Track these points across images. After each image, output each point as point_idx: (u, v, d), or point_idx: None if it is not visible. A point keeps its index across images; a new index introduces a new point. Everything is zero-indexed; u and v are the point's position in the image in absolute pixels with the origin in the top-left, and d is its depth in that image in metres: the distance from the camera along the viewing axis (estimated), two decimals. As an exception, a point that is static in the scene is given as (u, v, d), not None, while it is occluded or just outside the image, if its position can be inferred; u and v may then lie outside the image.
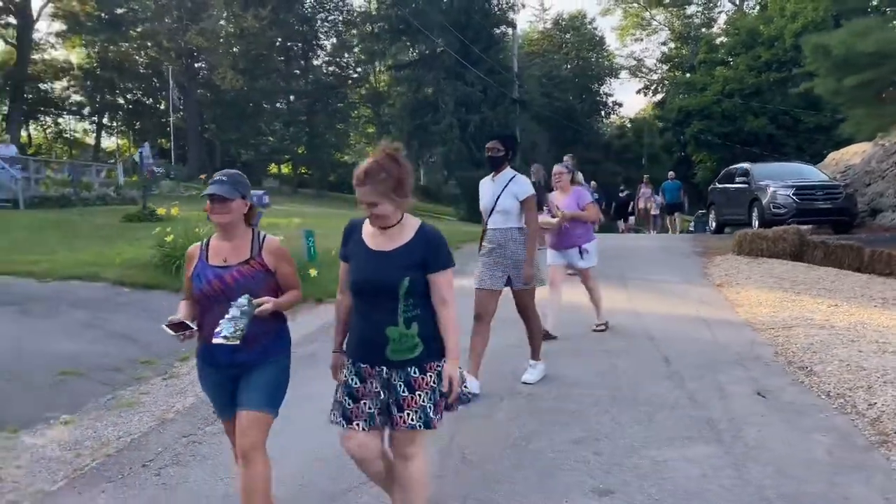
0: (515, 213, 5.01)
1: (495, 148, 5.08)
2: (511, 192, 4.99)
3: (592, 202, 6.87)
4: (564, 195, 6.83)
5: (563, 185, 6.90)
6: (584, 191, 6.96)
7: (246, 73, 34.75)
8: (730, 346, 6.18)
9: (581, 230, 6.73)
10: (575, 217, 6.63)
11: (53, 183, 20.40)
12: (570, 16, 58.20)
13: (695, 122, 34.07)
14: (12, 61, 38.15)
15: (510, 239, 5.01)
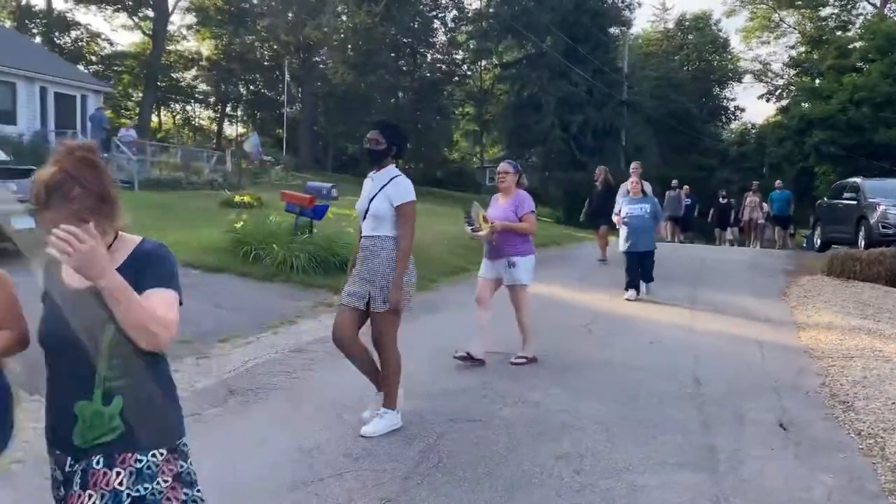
0: (389, 219, 4.25)
1: (375, 140, 4.27)
2: (386, 195, 4.23)
3: (532, 212, 5.87)
4: (505, 199, 5.96)
5: (507, 186, 5.95)
6: (526, 197, 5.91)
7: (356, 67, 35.71)
8: (774, 373, 5.81)
9: (517, 240, 5.85)
10: (507, 229, 5.75)
11: (167, 167, 21.81)
12: (694, 16, 56.24)
13: (816, 132, 31.99)
14: (148, 51, 41.01)
15: (379, 249, 4.26)
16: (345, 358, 5.94)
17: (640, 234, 8.92)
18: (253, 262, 9.24)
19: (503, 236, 5.77)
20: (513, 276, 5.85)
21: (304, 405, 4.79)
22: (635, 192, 9.31)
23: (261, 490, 3.52)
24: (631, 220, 8.95)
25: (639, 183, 9.45)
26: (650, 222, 9.04)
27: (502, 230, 5.74)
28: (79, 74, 24.29)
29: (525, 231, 5.85)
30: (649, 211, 9.01)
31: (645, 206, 9.07)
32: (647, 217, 8.96)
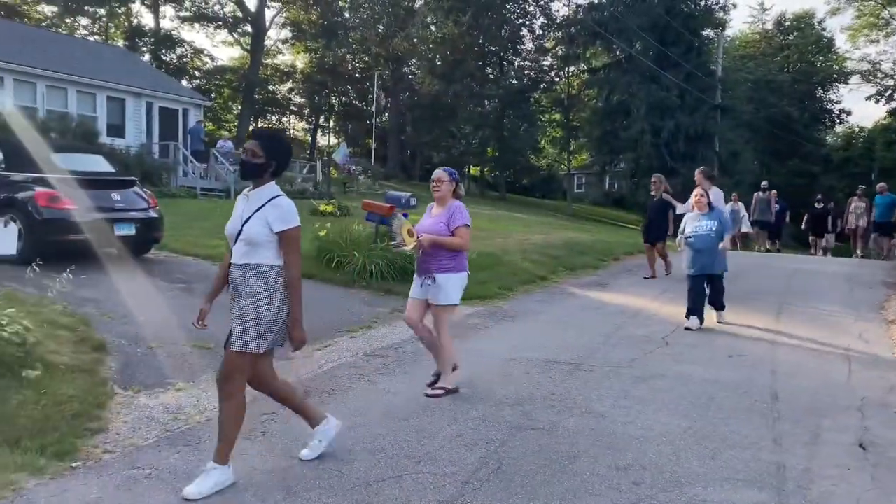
0: (266, 245, 3.65)
1: (252, 151, 3.66)
2: (264, 218, 3.61)
3: (466, 225, 5.23)
4: (439, 209, 5.35)
5: (442, 195, 5.31)
6: (461, 208, 5.27)
7: (443, 77, 36.15)
8: (860, 390, 5.55)
9: (445, 255, 5.20)
10: (436, 244, 5.14)
11: (261, 176, 22.74)
12: (795, 16, 53.91)
13: (929, 135, 30.05)
14: (246, 66, 42.90)
15: (252, 280, 3.65)
16: (416, 363, 6.13)
17: (705, 256, 7.74)
18: (335, 269, 9.56)
19: (431, 251, 5.19)
20: (433, 293, 5.23)
21: (372, 408, 4.95)
22: (699, 207, 7.97)
23: (324, 487, 3.67)
24: (694, 241, 7.80)
25: (704, 195, 8.06)
26: (718, 242, 7.77)
27: (431, 245, 5.15)
28: (181, 89, 25.71)
29: (456, 246, 5.21)
30: (715, 229, 7.75)
31: (710, 223, 7.79)
32: (713, 237, 7.73)
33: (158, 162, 20.76)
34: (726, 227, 7.91)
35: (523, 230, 18.12)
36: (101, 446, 4.20)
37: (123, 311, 6.90)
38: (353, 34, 41.23)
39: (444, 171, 5.43)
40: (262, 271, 3.65)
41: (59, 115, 18.12)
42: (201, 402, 5.02)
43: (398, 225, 5.31)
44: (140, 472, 3.84)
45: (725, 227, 7.88)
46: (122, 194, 9.10)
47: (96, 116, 20.13)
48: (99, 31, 41.07)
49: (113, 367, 5.56)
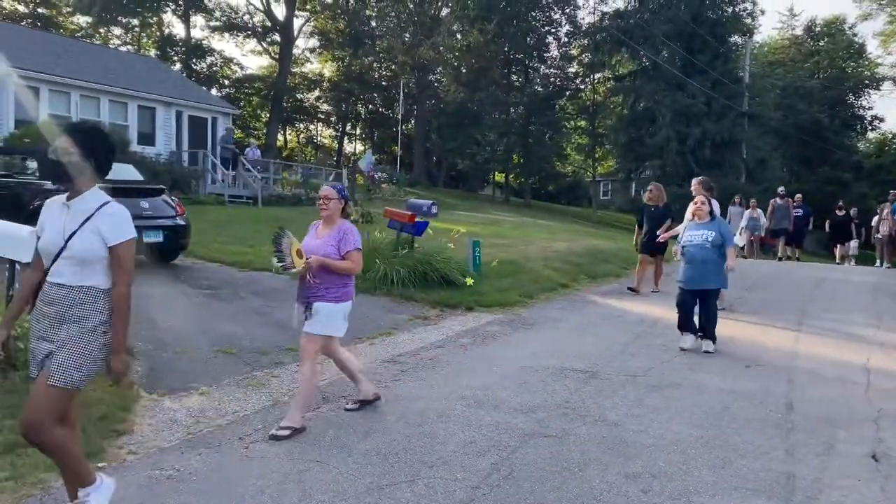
0: (101, 263, 3.12)
1: (64, 149, 3.10)
2: (96, 229, 3.09)
3: (358, 249, 4.78)
4: (326, 229, 4.82)
5: (329, 214, 4.78)
6: (352, 230, 4.81)
7: (468, 85, 36.33)
8: (877, 401, 5.53)
9: (332, 282, 4.70)
10: (325, 267, 4.64)
11: (287, 184, 23.07)
12: (826, 21, 53.24)
13: (963, 142, 29.49)
14: (275, 74, 43.51)
15: (82, 304, 3.09)
16: (433, 370, 6.22)
17: (699, 267, 7.08)
18: (357, 276, 9.67)
19: (317, 275, 4.68)
20: (309, 322, 4.71)
21: (389, 413, 5.05)
22: (699, 216, 7.33)
23: (337, 491, 3.78)
24: (689, 250, 7.18)
25: (706, 203, 7.44)
26: (715, 253, 7.10)
27: (319, 268, 4.65)
28: (210, 98, 26.18)
29: (346, 271, 4.76)
30: (712, 239, 7.08)
31: (709, 232, 7.13)
32: (708, 247, 7.06)
33: (187, 170, 21.16)
34: (727, 240, 7.19)
35: (547, 237, 18.16)
36: (125, 448, 4.35)
37: (150, 316, 7.08)
38: (379, 43, 41.65)
39: (332, 187, 4.90)
40: (97, 295, 3.11)
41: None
42: (223, 406, 5.15)
43: (287, 244, 4.63)
44: (162, 473, 3.98)
45: (727, 239, 7.18)
46: (150, 202, 9.35)
47: (127, 125, 20.60)
48: (132, 40, 41.97)
49: (139, 371, 5.73)
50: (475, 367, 6.35)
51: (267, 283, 9.26)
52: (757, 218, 17.29)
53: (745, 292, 11.16)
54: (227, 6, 42.62)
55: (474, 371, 6.23)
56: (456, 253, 10.53)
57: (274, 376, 5.95)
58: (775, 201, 17.80)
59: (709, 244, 7.08)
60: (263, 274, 9.84)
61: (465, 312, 8.90)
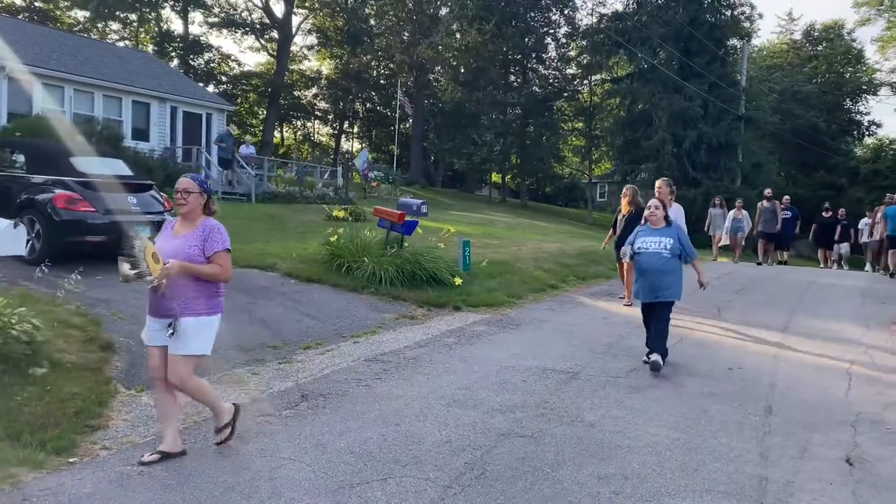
0: None
1: None
2: None
3: (227, 250, 4.15)
4: (186, 228, 4.16)
5: (190, 210, 4.15)
6: (219, 228, 4.16)
7: (466, 84, 36.32)
8: (857, 405, 5.53)
9: (197, 290, 4.05)
10: (189, 273, 3.99)
11: (282, 181, 23.01)
12: (824, 26, 53.29)
13: (957, 148, 29.52)
14: (272, 71, 43.46)
15: None
16: (415, 369, 6.21)
17: (655, 277, 6.42)
18: (345, 274, 9.69)
19: (177, 283, 3.99)
20: (174, 340, 4.02)
21: (366, 412, 5.04)
22: (653, 221, 6.62)
23: (307, 489, 3.77)
24: (641, 258, 6.53)
25: (659, 207, 6.66)
26: (671, 263, 6.42)
27: (181, 273, 3.98)
28: (205, 94, 26.11)
29: (213, 277, 4.10)
30: (670, 247, 6.41)
31: (665, 239, 6.45)
32: (665, 256, 6.39)
33: (181, 166, 21.09)
34: (687, 251, 6.52)
35: (540, 238, 18.17)
36: (99, 443, 4.35)
37: (133, 311, 7.06)
38: (377, 41, 41.60)
39: (191, 178, 4.26)
40: None
41: (85, 119, 18.51)
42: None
43: (140, 247, 3.95)
44: (134, 468, 3.97)
45: (686, 249, 6.51)
46: (138, 197, 9.33)
47: (121, 120, 20.52)
48: (129, 36, 41.86)
49: (119, 366, 5.72)
50: (457, 367, 6.35)
51: (253, 281, 9.25)
52: (741, 219, 16.92)
53: (735, 295, 11.18)
54: (226, 2, 42.52)
55: (456, 371, 6.22)
56: (446, 252, 10.53)
57: (254, 374, 5.94)
58: (762, 203, 17.12)
59: (666, 252, 6.39)
60: (250, 271, 9.81)
61: (452, 312, 8.90)
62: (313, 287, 9.27)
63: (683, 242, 6.53)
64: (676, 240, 6.48)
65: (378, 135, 52.29)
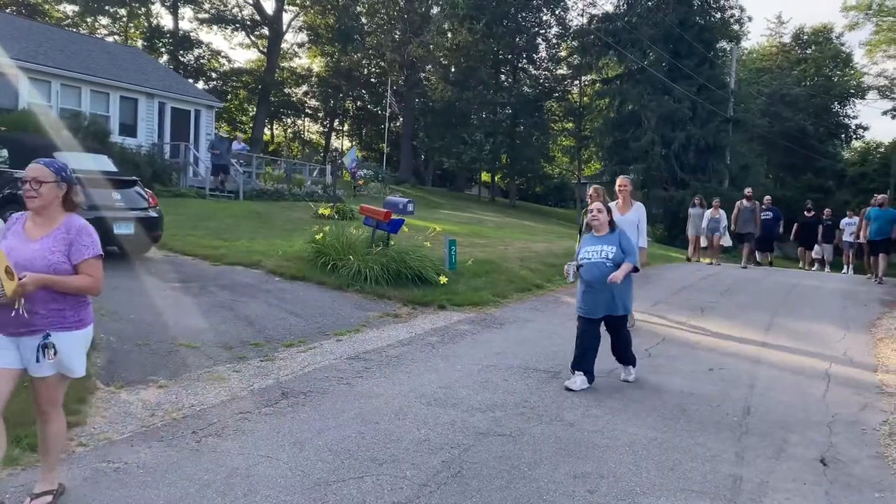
0: None
1: None
2: None
3: (99, 255, 3.43)
4: (41, 229, 3.38)
5: (44, 205, 3.36)
6: (86, 229, 3.41)
7: (456, 84, 36.33)
8: (833, 407, 5.58)
9: (63, 302, 3.34)
10: (51, 286, 3.26)
11: (270, 178, 22.96)
12: (813, 30, 53.64)
13: (942, 152, 29.79)
14: (262, 68, 43.32)
15: None
16: (397, 367, 6.22)
17: (598, 292, 5.76)
18: (330, 272, 9.67)
19: (38, 297, 3.26)
20: (55, 363, 3.34)
21: (346, 410, 5.04)
22: (596, 227, 5.97)
23: (283, 486, 3.77)
24: (582, 270, 5.86)
25: (602, 211, 5.96)
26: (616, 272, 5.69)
27: (39, 288, 3.23)
28: (194, 91, 26.00)
29: (84, 291, 3.41)
30: (612, 256, 5.74)
31: (607, 247, 5.79)
32: (610, 266, 5.71)
33: (168, 162, 21.01)
34: (629, 254, 5.84)
35: (527, 238, 18.19)
36: (76, 439, 4.32)
37: (115, 307, 7.04)
38: (369, 39, 41.55)
39: (44, 164, 3.40)
40: None
41: (72, 114, 18.39)
42: (180, 400, 5.13)
43: None
44: (109, 465, 3.96)
45: (628, 254, 5.84)
46: (122, 193, 9.28)
47: (109, 116, 20.40)
48: (119, 30, 41.61)
49: (98, 362, 5.69)
50: (439, 366, 6.35)
51: (237, 278, 9.23)
52: (718, 219, 16.34)
53: (719, 296, 11.24)
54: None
55: (438, 369, 6.23)
56: (432, 251, 10.52)
57: (235, 371, 5.92)
58: (741, 203, 16.36)
59: (609, 262, 5.72)
60: (234, 268, 9.80)
61: (437, 311, 8.90)
62: (298, 285, 9.25)
63: (625, 247, 5.83)
64: (618, 247, 5.80)
65: (368, 133, 52.21)
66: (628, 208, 8.24)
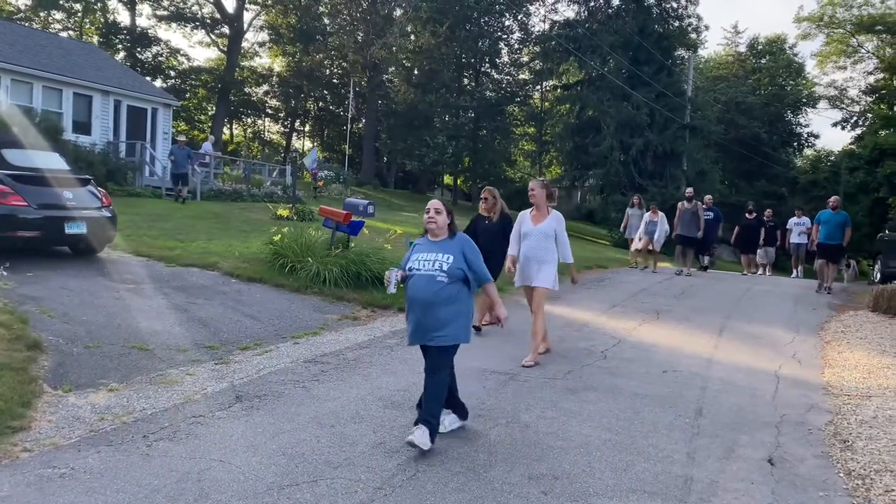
0: None
1: None
2: None
3: None
4: None
5: None
6: None
7: (419, 86, 36.33)
8: (782, 408, 5.72)
9: None
10: None
11: (229, 178, 22.66)
12: (768, 40, 55.00)
13: (888, 163, 30.82)
14: (223, 67, 42.73)
15: None
16: (354, 370, 6.18)
17: (427, 310, 4.47)
18: (289, 274, 9.57)
19: None
20: None
21: (302, 414, 4.99)
22: (432, 231, 4.64)
23: (236, 491, 3.72)
24: (408, 283, 4.58)
25: (440, 212, 4.63)
26: (449, 291, 4.44)
27: None
28: (151, 89, 25.51)
29: None
30: (449, 268, 4.45)
31: (442, 256, 4.50)
32: (443, 282, 4.43)
33: (124, 161, 20.58)
34: (476, 271, 4.56)
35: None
36: (20, 444, 4.21)
37: (65, 309, 6.87)
38: (331, 40, 41.28)
39: None
40: None
41: (23, 111, 17.89)
42: (131, 403, 5.02)
43: None
44: (55, 471, 3.86)
45: (477, 271, 4.56)
46: (74, 192, 9.06)
47: (62, 112, 19.91)
48: (73, 26, 40.65)
49: (46, 365, 5.55)
50: (397, 369, 6.34)
51: (192, 280, 9.08)
52: (657, 223, 15.10)
53: (675, 300, 11.43)
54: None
55: (396, 372, 6.21)
56: (392, 253, 10.49)
57: (189, 374, 5.82)
58: (682, 204, 15.13)
59: (443, 277, 4.42)
60: (189, 270, 9.64)
61: (397, 313, 8.86)
62: (255, 287, 9.14)
63: (471, 261, 4.53)
64: (460, 257, 4.49)
65: (330, 134, 51.89)
66: (543, 217, 6.97)
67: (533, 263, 6.93)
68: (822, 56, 48.94)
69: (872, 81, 46.62)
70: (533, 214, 7.08)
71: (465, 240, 4.68)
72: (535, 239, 6.92)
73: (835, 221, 13.06)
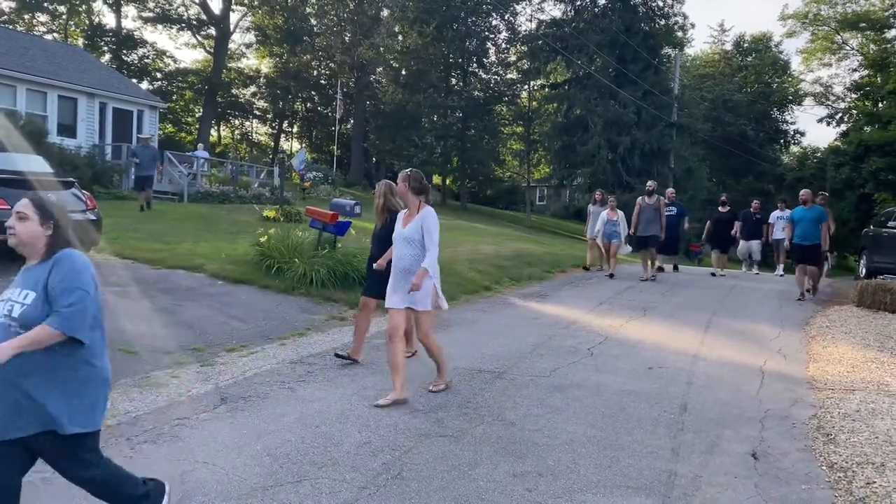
0: None
1: None
2: None
3: None
4: None
5: None
6: None
7: (407, 87, 36.31)
8: (766, 402, 5.75)
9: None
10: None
11: (216, 180, 22.56)
12: (754, 38, 55.35)
13: (873, 159, 31.09)
14: (209, 69, 42.55)
15: None
16: (340, 371, 6.17)
17: None
18: (275, 275, 9.55)
19: None
20: None
21: (287, 414, 4.99)
22: (21, 249, 3.08)
23: (219, 492, 3.71)
24: None
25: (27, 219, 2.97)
26: None
27: None
28: (136, 91, 25.39)
29: None
30: (20, 313, 2.86)
31: (22, 294, 2.91)
32: (14, 330, 2.83)
33: (110, 164, 20.48)
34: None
35: (477, 240, 18.26)
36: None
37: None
38: (318, 41, 41.18)
39: None
40: None
41: (7, 113, 17.76)
42: (115, 406, 4.99)
43: None
44: (36, 475, 3.79)
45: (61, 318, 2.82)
46: (58, 196, 8.98)
47: (46, 115, 19.79)
48: (58, 28, 40.37)
49: (29, 369, 5.50)
50: (384, 368, 6.32)
51: (178, 282, 9.04)
52: (616, 222, 13.64)
53: (661, 297, 11.47)
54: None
55: (383, 372, 6.20)
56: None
57: (174, 377, 5.80)
58: (643, 200, 13.62)
59: (12, 323, 2.85)
60: (175, 272, 9.59)
61: (384, 313, 8.85)
62: (242, 288, 9.11)
63: None
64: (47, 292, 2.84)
65: (318, 135, 51.73)
66: (412, 218, 5.54)
67: (403, 277, 5.49)
68: (808, 53, 49.21)
69: (857, 78, 46.95)
70: (405, 215, 5.65)
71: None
72: (399, 246, 5.47)
73: (808, 218, 11.41)
